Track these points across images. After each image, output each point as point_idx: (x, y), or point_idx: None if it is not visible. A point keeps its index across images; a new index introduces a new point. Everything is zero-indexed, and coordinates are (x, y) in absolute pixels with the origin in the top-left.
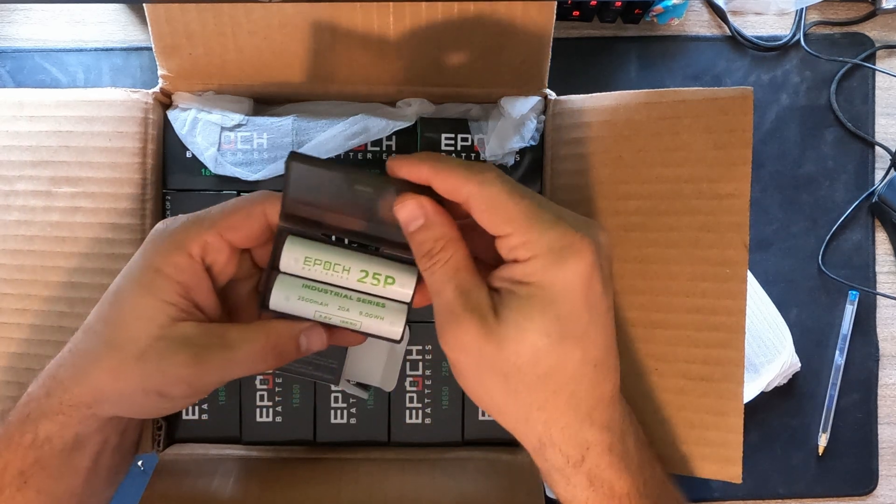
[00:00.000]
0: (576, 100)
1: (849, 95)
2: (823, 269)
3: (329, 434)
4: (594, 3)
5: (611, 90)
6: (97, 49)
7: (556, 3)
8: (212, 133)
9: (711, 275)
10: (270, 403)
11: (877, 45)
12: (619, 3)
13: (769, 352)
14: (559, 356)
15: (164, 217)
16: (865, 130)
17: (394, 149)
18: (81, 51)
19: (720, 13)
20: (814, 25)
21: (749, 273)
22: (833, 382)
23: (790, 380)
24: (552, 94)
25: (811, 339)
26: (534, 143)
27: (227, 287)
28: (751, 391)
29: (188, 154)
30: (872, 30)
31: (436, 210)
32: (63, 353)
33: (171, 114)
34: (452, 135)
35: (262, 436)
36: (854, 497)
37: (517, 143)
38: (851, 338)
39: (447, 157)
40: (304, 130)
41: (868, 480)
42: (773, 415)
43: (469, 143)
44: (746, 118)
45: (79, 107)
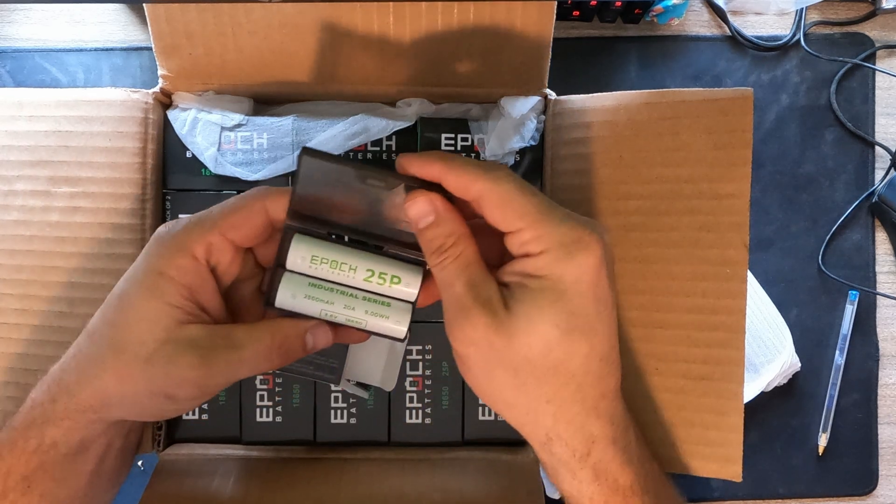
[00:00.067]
0: (576, 100)
1: (849, 95)
2: (823, 269)
3: (329, 434)
4: (594, 3)
5: (611, 90)
6: (97, 49)
7: (556, 3)
8: (212, 133)
9: (712, 275)
10: (270, 403)
11: (877, 45)
12: (619, 3)
13: (769, 352)
14: (568, 348)
15: (165, 217)
16: (865, 130)
17: (394, 149)
18: (81, 51)
19: (720, 13)
20: (814, 25)
21: (749, 273)
22: (833, 382)
23: (790, 380)
24: (552, 94)
25: (811, 339)
26: (534, 143)
27: (230, 287)
28: (751, 391)
29: (188, 154)
30: (872, 30)
31: (446, 206)
32: (67, 358)
33: (171, 114)
34: (452, 135)
35: (262, 436)
36: (854, 497)
37: (517, 143)
38: (851, 338)
39: (457, 156)
40: (304, 130)
41: (868, 480)
42: (773, 415)
43: (469, 143)
44: (746, 119)
45: (78, 107)
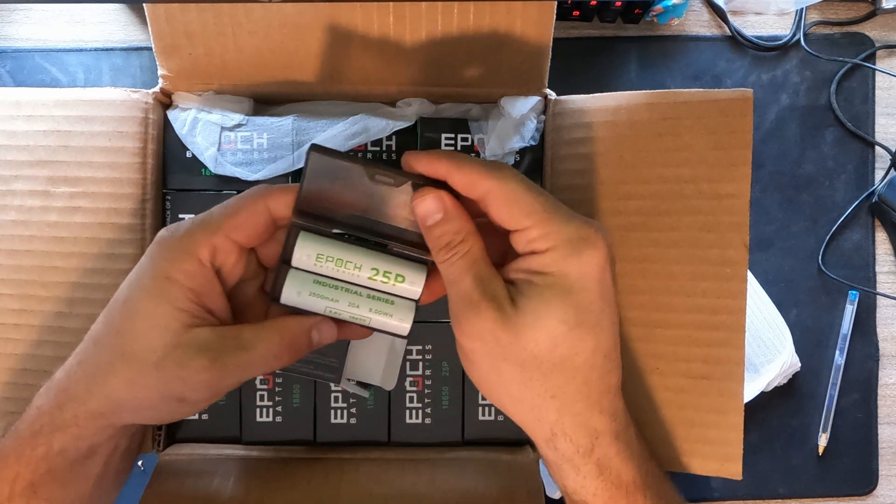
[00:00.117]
0: (576, 100)
1: (849, 95)
2: (823, 269)
3: (329, 434)
4: (594, 3)
5: (611, 90)
6: (97, 49)
7: (556, 3)
8: (212, 133)
9: (712, 274)
10: (270, 403)
11: (877, 45)
12: (619, 3)
13: (769, 352)
14: (574, 343)
15: (165, 216)
16: (865, 130)
17: (394, 149)
18: (81, 51)
19: (720, 13)
20: (814, 25)
21: (749, 273)
22: (833, 382)
23: (790, 380)
24: (552, 94)
25: (811, 339)
26: (534, 143)
27: (234, 287)
28: (751, 391)
29: (188, 154)
30: (872, 30)
31: (454, 204)
32: (71, 366)
33: (171, 114)
34: (452, 135)
35: (262, 436)
36: (854, 497)
37: (517, 143)
38: (851, 338)
39: (464, 154)
40: (304, 130)
41: (868, 480)
42: (773, 415)
43: (469, 143)
44: (746, 120)
45: (78, 106)
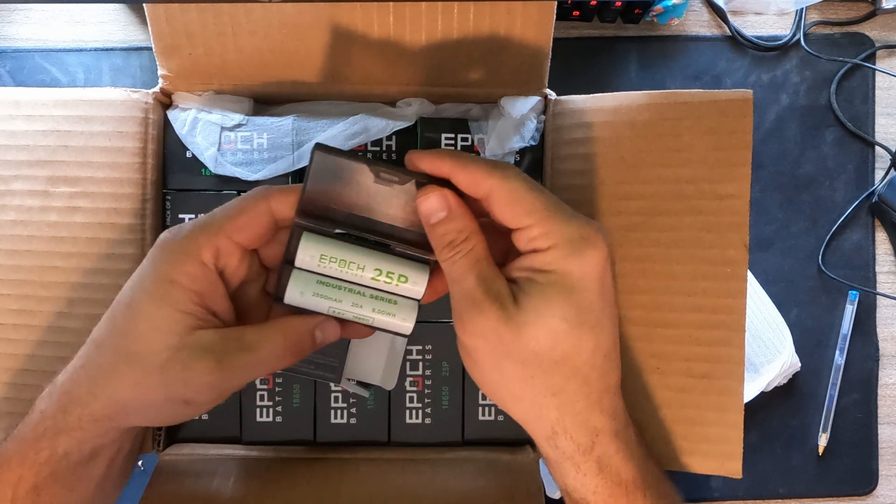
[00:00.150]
0: (577, 100)
1: (849, 95)
2: (823, 269)
3: (329, 434)
4: (594, 3)
5: (611, 90)
6: (97, 49)
7: (556, 3)
8: (212, 133)
9: (712, 274)
10: (270, 403)
11: (877, 45)
12: (619, 3)
13: (769, 352)
14: (575, 342)
15: (165, 216)
16: (865, 130)
17: (394, 149)
18: (81, 51)
19: (720, 13)
20: (814, 25)
21: (749, 273)
22: (833, 382)
23: (790, 380)
24: (552, 94)
25: (811, 339)
26: (534, 143)
27: (236, 289)
28: (751, 391)
29: (188, 154)
30: (872, 30)
31: (458, 202)
32: (74, 369)
33: (171, 114)
34: (452, 135)
35: (262, 436)
36: (854, 497)
37: (517, 143)
38: (851, 338)
39: (467, 153)
40: (304, 130)
41: (868, 480)
42: (773, 415)
43: (469, 143)
44: (746, 120)
45: (78, 106)
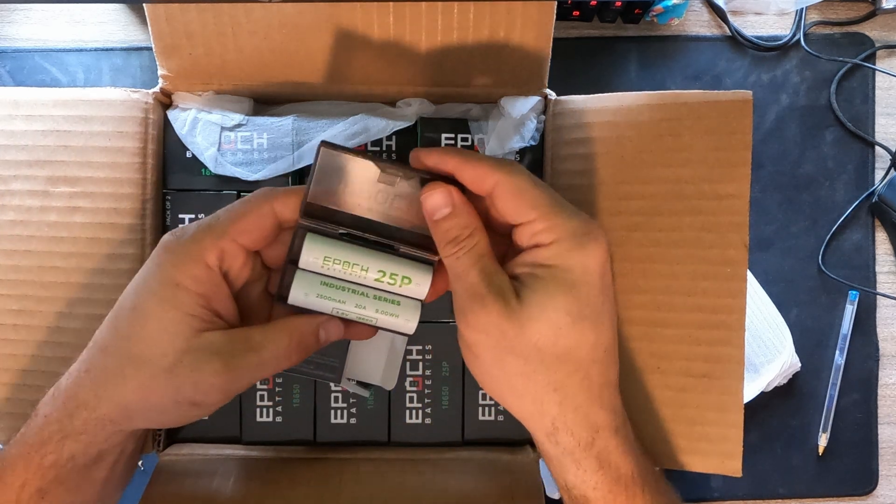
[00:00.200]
0: (577, 100)
1: (849, 95)
2: (823, 269)
3: (329, 434)
4: (594, 3)
5: (611, 90)
6: (97, 49)
7: (556, 3)
8: (212, 133)
9: (712, 274)
10: (270, 403)
11: (877, 45)
12: (619, 3)
13: (769, 352)
14: (577, 336)
15: (165, 217)
16: (865, 130)
17: (394, 149)
18: (81, 51)
19: (720, 13)
20: (814, 25)
21: (749, 273)
22: (833, 382)
23: (790, 380)
24: (552, 94)
25: (811, 339)
26: (534, 143)
27: (239, 289)
28: (751, 391)
29: (188, 154)
30: (872, 30)
31: (462, 199)
32: (78, 373)
33: (171, 114)
34: (452, 135)
35: (262, 436)
36: (854, 497)
37: (517, 143)
38: (851, 338)
39: (471, 151)
40: (304, 130)
41: (868, 480)
42: (773, 415)
43: (469, 144)
44: (746, 121)
45: (77, 106)
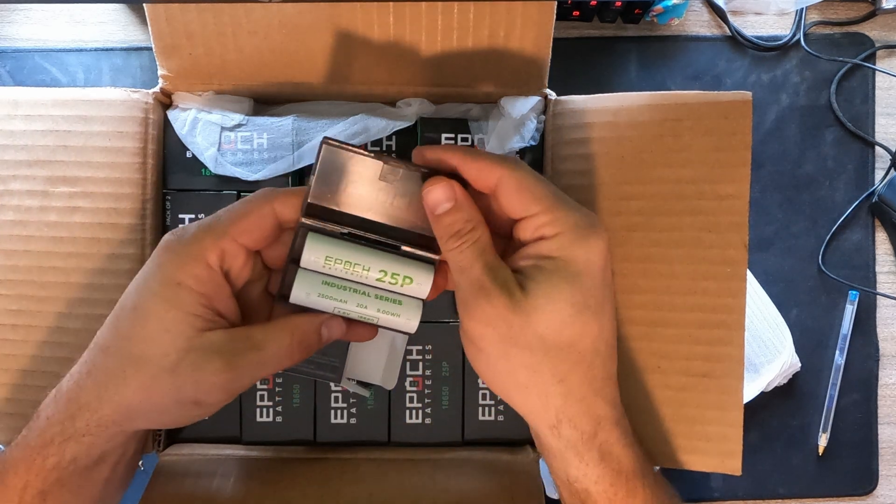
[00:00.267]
0: (577, 100)
1: (849, 95)
2: (823, 269)
3: (329, 434)
4: (594, 3)
5: (611, 90)
6: (97, 49)
7: (556, 3)
8: (212, 133)
9: (712, 274)
10: (270, 403)
11: (877, 45)
12: (619, 3)
13: (769, 352)
14: (581, 328)
15: (165, 217)
16: (865, 130)
17: (394, 149)
18: (81, 51)
19: (720, 13)
20: (814, 25)
21: (749, 273)
22: (833, 382)
23: (790, 380)
24: (552, 94)
25: (811, 339)
26: (534, 143)
27: (240, 289)
28: (751, 391)
29: (188, 154)
30: (872, 30)
31: (464, 193)
32: (79, 375)
33: (171, 114)
34: (452, 135)
35: (262, 436)
36: (854, 497)
37: (517, 143)
38: (851, 338)
39: (473, 147)
40: (304, 130)
41: (868, 480)
42: (773, 415)
43: (469, 144)
44: (746, 122)
45: (77, 106)
